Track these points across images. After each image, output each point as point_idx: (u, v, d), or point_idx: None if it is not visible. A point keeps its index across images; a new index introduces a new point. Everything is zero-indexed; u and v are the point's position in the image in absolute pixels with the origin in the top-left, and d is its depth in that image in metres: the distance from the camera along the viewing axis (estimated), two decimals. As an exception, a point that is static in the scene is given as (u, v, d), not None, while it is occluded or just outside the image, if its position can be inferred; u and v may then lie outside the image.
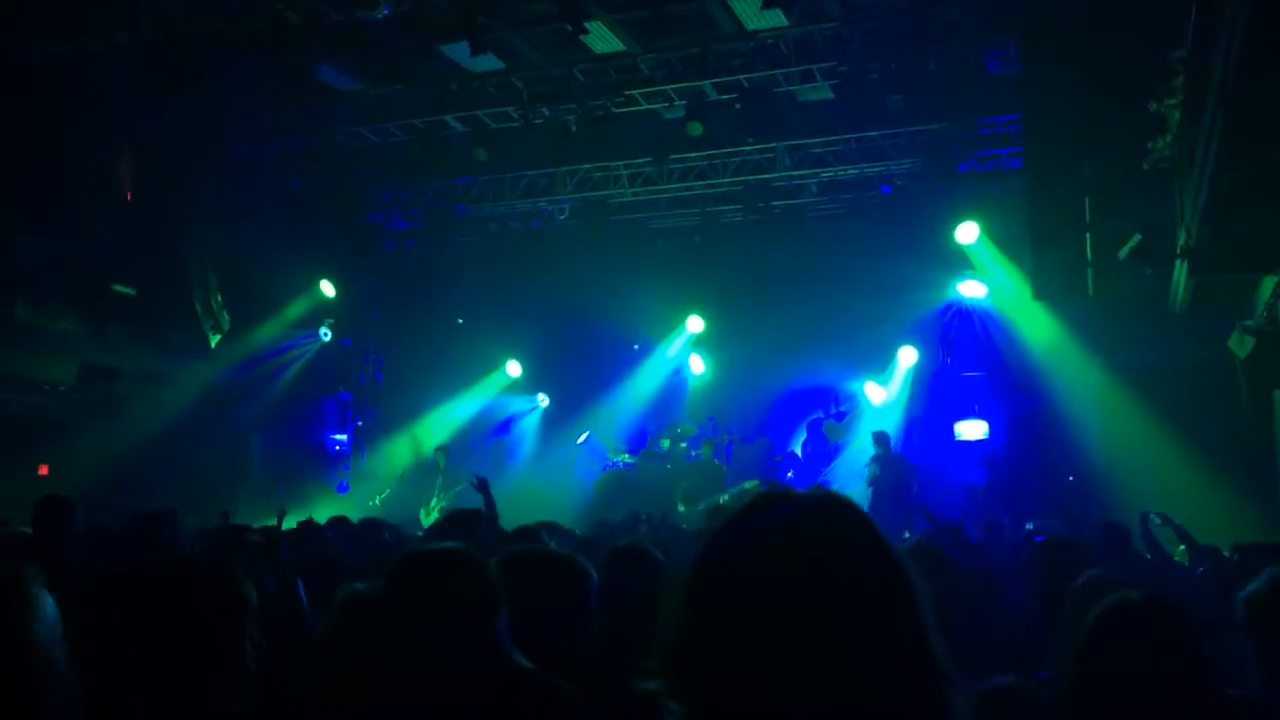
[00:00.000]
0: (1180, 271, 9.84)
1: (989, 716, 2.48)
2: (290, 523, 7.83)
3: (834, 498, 1.31)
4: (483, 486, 7.75)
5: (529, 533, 5.36)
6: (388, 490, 15.45)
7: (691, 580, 1.26)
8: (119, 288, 14.25)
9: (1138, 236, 10.29)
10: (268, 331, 15.89)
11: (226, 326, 15.50)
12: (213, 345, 15.31)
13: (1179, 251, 9.54)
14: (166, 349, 14.93)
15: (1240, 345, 10.04)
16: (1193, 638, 2.51)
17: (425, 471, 15.66)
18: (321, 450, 17.04)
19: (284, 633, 3.30)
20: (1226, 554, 5.80)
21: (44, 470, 13.34)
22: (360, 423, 17.53)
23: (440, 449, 15.65)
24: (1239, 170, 7.28)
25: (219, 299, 15.40)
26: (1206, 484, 9.78)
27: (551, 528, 6.52)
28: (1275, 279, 9.20)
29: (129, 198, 14.49)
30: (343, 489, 16.64)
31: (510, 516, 7.34)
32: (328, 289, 16.15)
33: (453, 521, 6.04)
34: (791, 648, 1.16)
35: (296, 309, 16.07)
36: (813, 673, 1.16)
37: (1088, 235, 11.97)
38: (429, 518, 13.60)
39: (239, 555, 4.06)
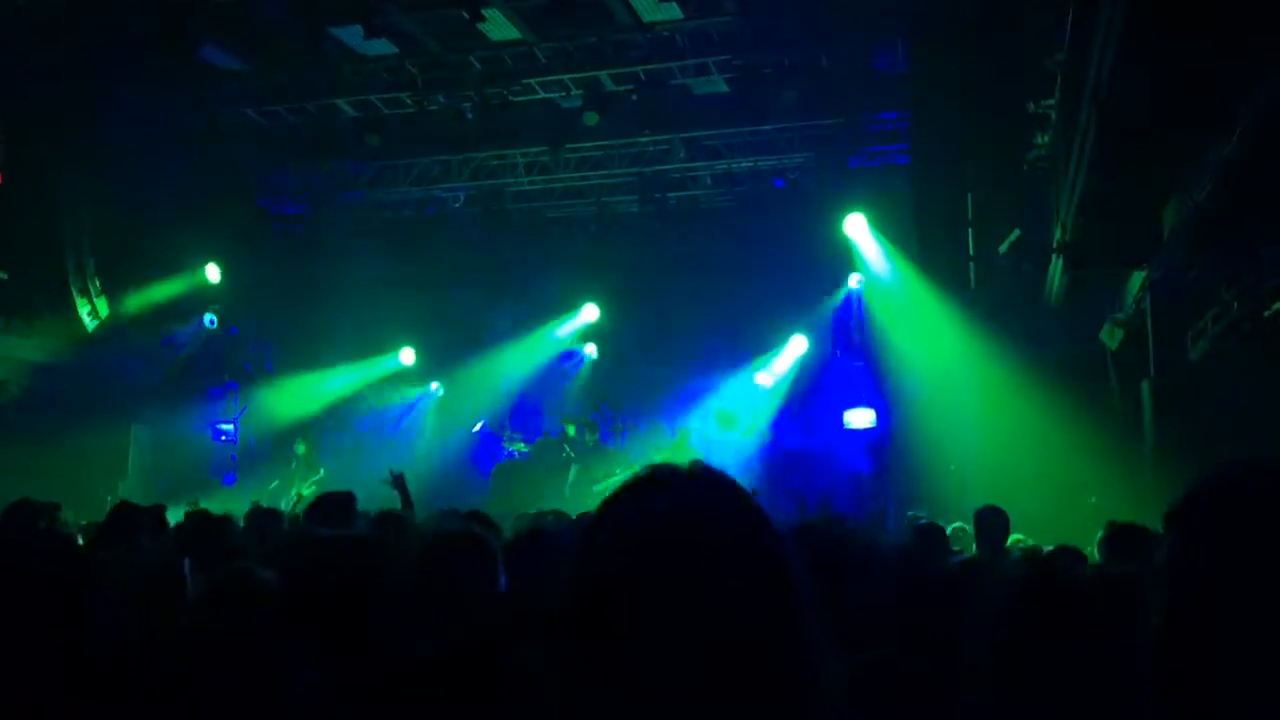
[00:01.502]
0: (1056, 266, 10.26)
1: (863, 688, 2.57)
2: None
3: (713, 472, 1.35)
4: (398, 483, 7.62)
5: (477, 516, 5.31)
6: (276, 481, 15.04)
7: (579, 553, 1.30)
8: (-10, 271, 13.65)
9: (1016, 232, 10.69)
10: (149, 317, 15.31)
11: (105, 312, 14.95)
12: (90, 331, 14.77)
13: (1055, 247, 9.96)
14: (41, 334, 14.33)
15: (1111, 337, 10.48)
16: None
17: (309, 461, 15.22)
18: (206, 441, 16.53)
19: (160, 611, 3.25)
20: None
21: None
22: (247, 411, 17.02)
23: (302, 437, 15.08)
24: (1110, 169, 7.63)
25: (97, 283, 14.85)
26: (1081, 472, 10.19)
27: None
28: (1143, 274, 9.64)
29: (-1, 178, 13.87)
30: (229, 480, 16.18)
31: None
32: (213, 274, 15.64)
33: (327, 507, 5.79)
34: (670, 616, 1.20)
35: (181, 294, 15.52)
36: (690, 640, 1.19)
37: (970, 230, 12.41)
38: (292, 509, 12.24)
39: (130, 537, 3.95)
